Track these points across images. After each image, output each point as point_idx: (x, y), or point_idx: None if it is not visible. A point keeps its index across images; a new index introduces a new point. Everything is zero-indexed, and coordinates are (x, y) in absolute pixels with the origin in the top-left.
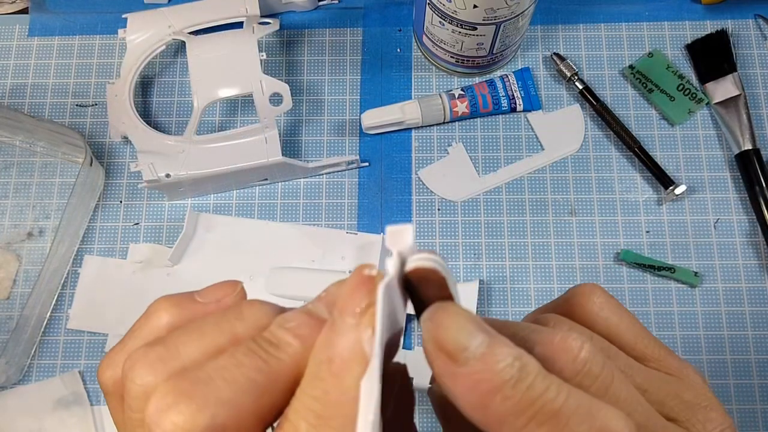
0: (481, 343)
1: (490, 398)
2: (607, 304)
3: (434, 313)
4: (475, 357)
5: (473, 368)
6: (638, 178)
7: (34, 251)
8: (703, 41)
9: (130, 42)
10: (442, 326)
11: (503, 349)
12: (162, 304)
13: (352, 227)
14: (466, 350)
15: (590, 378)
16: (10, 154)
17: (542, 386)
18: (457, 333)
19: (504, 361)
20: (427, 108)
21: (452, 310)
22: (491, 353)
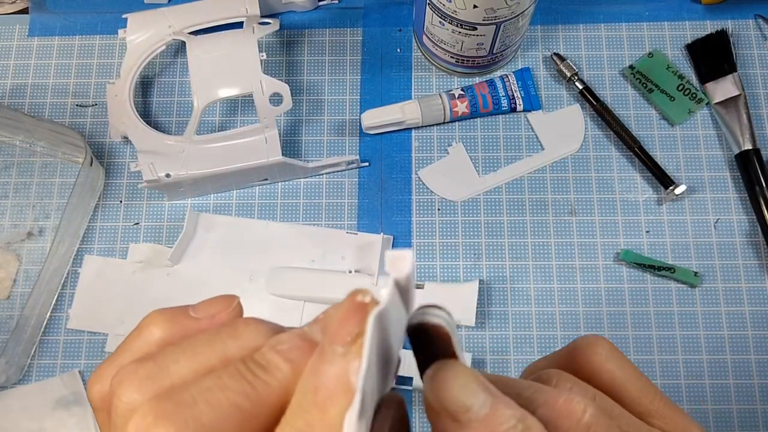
0: (484, 404)
1: None
2: (612, 357)
3: (437, 372)
4: (478, 418)
5: (476, 430)
6: (638, 178)
7: (34, 251)
8: (703, 41)
9: (130, 42)
10: (444, 385)
11: (506, 410)
12: (155, 319)
13: (352, 227)
14: (469, 411)
15: (599, 426)
16: (10, 154)
17: None
18: (460, 392)
19: (507, 423)
20: (427, 108)
21: (455, 369)
22: (494, 414)
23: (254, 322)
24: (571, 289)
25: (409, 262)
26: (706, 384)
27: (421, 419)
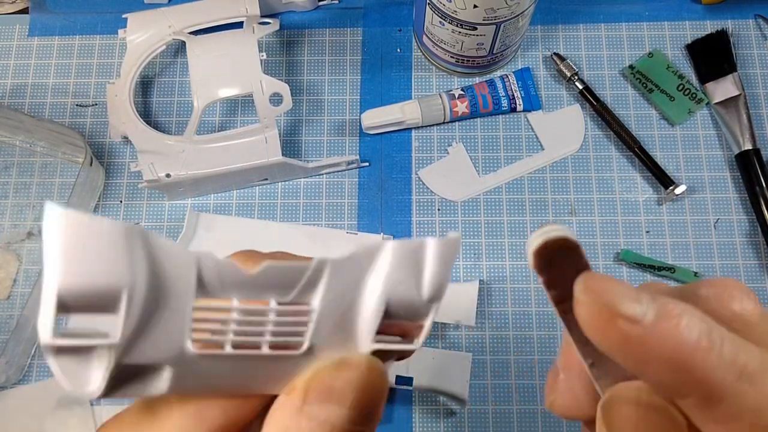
0: (649, 302)
1: (692, 355)
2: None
3: (590, 280)
4: (655, 314)
5: (661, 326)
6: (638, 178)
7: (35, 251)
8: (703, 41)
9: (130, 42)
10: (611, 292)
11: (674, 304)
12: None
13: (352, 227)
14: (646, 313)
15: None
16: (10, 154)
17: (730, 339)
18: (625, 294)
19: (685, 316)
20: (427, 108)
21: (612, 279)
22: (666, 308)
23: None
24: None
25: (453, 237)
26: None
27: (421, 418)
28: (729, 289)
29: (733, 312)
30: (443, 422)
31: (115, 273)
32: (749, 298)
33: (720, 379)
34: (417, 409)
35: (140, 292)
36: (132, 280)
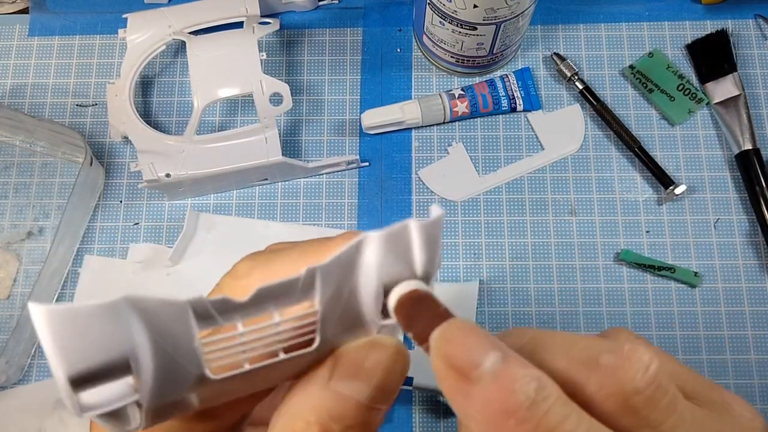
0: (496, 361)
1: (504, 421)
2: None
3: (445, 329)
4: (489, 375)
5: (486, 387)
6: (638, 178)
7: (34, 251)
8: (703, 41)
9: (130, 42)
10: (452, 342)
11: (519, 368)
12: None
13: (352, 227)
14: (479, 367)
15: (662, 392)
16: (10, 154)
17: (561, 413)
18: (469, 349)
19: (520, 382)
20: (427, 108)
21: (464, 326)
22: (506, 371)
23: None
24: (571, 289)
25: (436, 214)
26: None
27: (421, 418)
28: (627, 361)
29: (625, 392)
30: (443, 422)
31: (112, 347)
32: (643, 375)
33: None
34: (417, 409)
35: (145, 350)
36: (131, 345)
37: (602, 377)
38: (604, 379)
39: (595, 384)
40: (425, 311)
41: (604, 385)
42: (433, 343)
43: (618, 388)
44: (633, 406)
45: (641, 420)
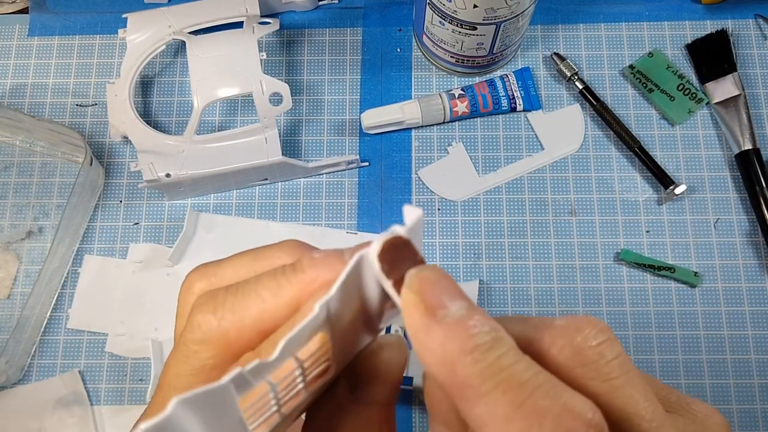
0: (461, 307)
1: (460, 359)
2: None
3: (422, 269)
4: (454, 317)
5: (449, 327)
6: (638, 178)
7: (34, 251)
8: (703, 41)
9: (130, 42)
10: (426, 281)
11: (482, 317)
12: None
13: (352, 227)
14: (446, 309)
15: (612, 351)
16: (10, 154)
17: (514, 358)
18: (440, 292)
19: (480, 328)
20: (427, 108)
21: (440, 272)
22: (470, 317)
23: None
24: (571, 289)
25: (414, 216)
26: (706, 384)
27: (421, 418)
28: (580, 323)
29: (576, 344)
30: None
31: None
32: (594, 335)
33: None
34: (417, 409)
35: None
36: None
37: (554, 334)
38: (556, 336)
39: (549, 340)
40: (406, 258)
41: (557, 341)
42: (408, 279)
43: (569, 341)
44: (584, 357)
45: (591, 371)
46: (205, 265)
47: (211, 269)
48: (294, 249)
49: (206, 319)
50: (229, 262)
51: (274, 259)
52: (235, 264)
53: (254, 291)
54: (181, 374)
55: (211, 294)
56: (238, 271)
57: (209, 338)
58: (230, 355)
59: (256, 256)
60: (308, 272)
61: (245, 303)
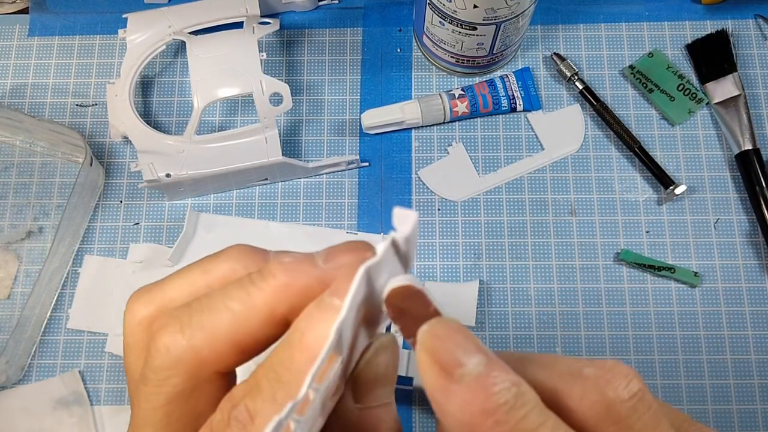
0: (479, 363)
1: (482, 421)
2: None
3: (433, 326)
4: (472, 375)
5: (467, 387)
6: (638, 178)
7: (34, 251)
8: (703, 41)
9: (130, 42)
10: (439, 339)
11: (501, 373)
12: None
13: (352, 227)
14: (463, 367)
15: (645, 405)
16: (10, 154)
17: (539, 419)
18: (455, 349)
19: (501, 385)
20: (427, 108)
21: (453, 326)
22: (488, 374)
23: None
24: (571, 289)
25: (411, 222)
26: (706, 384)
27: (421, 418)
28: (611, 375)
29: (609, 400)
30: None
31: None
32: (626, 388)
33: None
34: (417, 409)
35: None
36: None
37: (585, 387)
38: (587, 388)
39: (578, 393)
40: (416, 306)
41: (587, 394)
42: (420, 337)
43: (601, 397)
44: (616, 414)
45: (623, 429)
46: (146, 290)
47: (155, 293)
48: (243, 255)
49: (174, 340)
50: (173, 282)
51: (226, 270)
52: (182, 282)
53: (222, 304)
54: (157, 407)
55: (171, 314)
56: (187, 289)
57: (180, 360)
58: (205, 376)
59: (205, 269)
60: (279, 277)
61: (214, 318)
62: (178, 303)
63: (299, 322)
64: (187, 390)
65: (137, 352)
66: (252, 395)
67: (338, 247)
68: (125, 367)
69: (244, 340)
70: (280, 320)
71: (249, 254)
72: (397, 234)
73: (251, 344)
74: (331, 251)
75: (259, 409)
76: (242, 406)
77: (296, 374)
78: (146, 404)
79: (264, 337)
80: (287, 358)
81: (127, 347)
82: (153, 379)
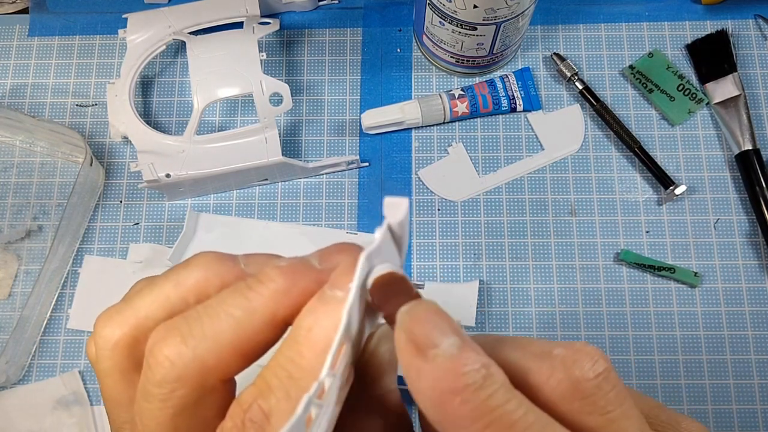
0: (452, 345)
1: (450, 399)
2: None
3: (412, 307)
4: (444, 356)
5: (439, 366)
6: (638, 178)
7: (34, 251)
8: (703, 41)
9: (130, 42)
10: (417, 319)
11: (472, 354)
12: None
13: (352, 227)
14: (436, 347)
15: (610, 384)
16: (10, 154)
17: (504, 397)
18: (431, 329)
19: (470, 366)
20: (427, 108)
21: (431, 308)
22: (460, 356)
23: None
24: (571, 290)
25: (403, 209)
26: (706, 384)
27: None
28: (578, 354)
29: (575, 378)
30: None
31: None
32: (591, 367)
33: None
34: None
35: None
36: None
37: (553, 366)
38: (555, 367)
39: (546, 372)
40: (399, 293)
41: (554, 373)
42: (399, 317)
43: (567, 375)
44: (581, 392)
45: (588, 405)
46: (116, 311)
47: (126, 313)
48: (213, 262)
49: (177, 351)
50: (144, 299)
51: (198, 278)
52: (154, 297)
53: (222, 311)
54: (162, 422)
55: (169, 326)
56: (161, 304)
57: (186, 372)
58: (211, 385)
59: (176, 282)
60: (279, 281)
61: (216, 325)
62: (153, 320)
63: (302, 320)
64: (193, 401)
65: (116, 375)
66: (264, 396)
67: (330, 248)
68: (103, 394)
69: (246, 346)
70: (280, 323)
71: (218, 261)
72: (392, 220)
73: (253, 349)
74: (324, 252)
75: (273, 408)
76: (255, 407)
77: (307, 370)
78: (151, 421)
79: (265, 341)
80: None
81: (103, 373)
82: (157, 394)
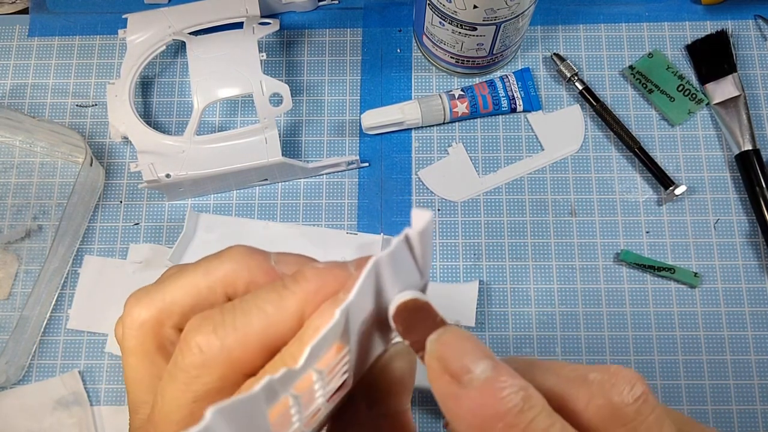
0: (486, 369)
1: (493, 424)
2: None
3: (442, 334)
4: (480, 380)
5: (476, 392)
6: (638, 178)
7: (34, 251)
8: (703, 41)
9: (130, 42)
10: (447, 346)
11: (508, 378)
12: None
13: (352, 227)
14: (471, 373)
15: (649, 407)
16: (10, 155)
17: (547, 421)
18: (463, 355)
19: (509, 389)
20: (427, 108)
21: (460, 334)
22: (496, 379)
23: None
24: (571, 290)
25: (424, 220)
26: (706, 384)
27: (421, 418)
28: (615, 378)
29: (614, 403)
30: (443, 422)
31: None
32: (630, 392)
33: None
34: (417, 409)
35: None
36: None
37: (591, 391)
38: (593, 393)
39: (584, 397)
40: (423, 319)
41: (593, 399)
42: (429, 346)
43: (607, 401)
44: (622, 417)
45: (630, 431)
46: (145, 292)
47: (154, 295)
48: (244, 256)
49: (207, 340)
50: (174, 284)
51: (228, 270)
52: (182, 283)
53: (255, 306)
54: (182, 405)
55: (205, 315)
56: (189, 291)
57: (212, 360)
58: (234, 377)
59: (206, 270)
60: (312, 281)
61: (247, 319)
62: (179, 305)
63: (312, 320)
64: (215, 390)
65: (139, 355)
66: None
67: (369, 256)
68: (125, 373)
69: (272, 342)
70: None
71: (250, 255)
72: (410, 230)
73: (279, 346)
74: (362, 259)
75: None
76: None
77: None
78: (172, 402)
79: (290, 339)
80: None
81: (128, 351)
82: (182, 378)
